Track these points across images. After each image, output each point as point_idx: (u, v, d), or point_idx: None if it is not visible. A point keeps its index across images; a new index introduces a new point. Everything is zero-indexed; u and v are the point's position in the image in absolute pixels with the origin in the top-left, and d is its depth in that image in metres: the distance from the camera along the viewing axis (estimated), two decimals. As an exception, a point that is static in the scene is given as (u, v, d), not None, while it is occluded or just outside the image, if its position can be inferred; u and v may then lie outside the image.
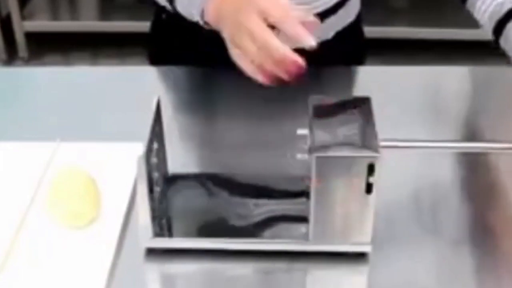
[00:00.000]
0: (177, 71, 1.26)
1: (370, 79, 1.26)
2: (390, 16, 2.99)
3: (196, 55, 1.24)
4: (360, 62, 1.38)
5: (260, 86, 0.90)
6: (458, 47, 2.83)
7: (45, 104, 1.21)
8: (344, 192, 0.86)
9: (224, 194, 0.98)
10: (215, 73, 1.25)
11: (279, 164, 1.05)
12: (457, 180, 1.08)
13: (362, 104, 0.91)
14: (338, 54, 1.27)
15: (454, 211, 1.02)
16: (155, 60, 1.36)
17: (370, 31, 3.19)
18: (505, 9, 1.07)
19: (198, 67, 1.25)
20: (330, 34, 1.25)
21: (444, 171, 1.07)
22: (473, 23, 1.20)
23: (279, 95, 1.22)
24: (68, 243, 0.92)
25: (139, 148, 0.86)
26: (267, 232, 0.93)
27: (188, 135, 1.13)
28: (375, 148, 0.85)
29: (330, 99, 0.93)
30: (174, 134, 1.09)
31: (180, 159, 1.05)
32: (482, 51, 2.78)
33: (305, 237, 0.90)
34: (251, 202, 0.96)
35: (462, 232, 0.97)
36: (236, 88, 1.23)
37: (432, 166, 1.07)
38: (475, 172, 1.07)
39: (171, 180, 0.99)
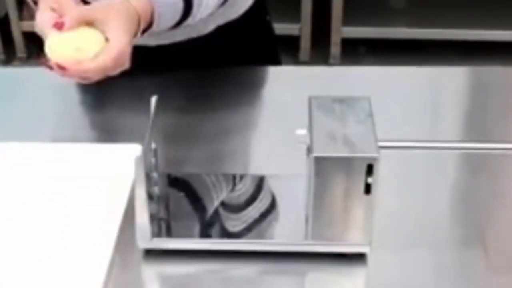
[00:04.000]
0: (176, 72, 1.25)
1: (370, 79, 1.25)
2: (390, 17, 2.99)
3: None
4: (272, 60, 1.38)
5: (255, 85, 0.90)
6: (457, 47, 2.83)
7: (43, 104, 1.21)
8: (343, 193, 0.86)
9: (222, 195, 0.98)
10: (213, 74, 1.25)
11: (278, 164, 1.05)
12: (456, 180, 1.07)
13: (362, 104, 0.91)
14: (233, 52, 1.27)
15: (453, 212, 1.02)
16: None
17: (370, 31, 3.20)
18: None
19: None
20: (209, 28, 1.24)
21: (443, 171, 1.06)
22: (473, 24, 1.20)
23: (279, 95, 1.22)
24: (66, 243, 0.92)
25: (138, 148, 0.85)
26: (266, 233, 0.92)
27: (187, 136, 1.13)
28: (374, 149, 0.85)
29: (329, 99, 0.92)
30: (173, 135, 1.08)
31: (179, 159, 1.05)
32: (482, 52, 2.79)
33: (303, 238, 0.89)
34: (250, 202, 0.96)
35: (461, 233, 0.97)
36: (234, 89, 1.23)
37: (431, 166, 1.07)
38: (474, 172, 1.07)
39: (170, 181, 0.99)
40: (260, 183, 0.99)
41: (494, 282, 0.90)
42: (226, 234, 0.92)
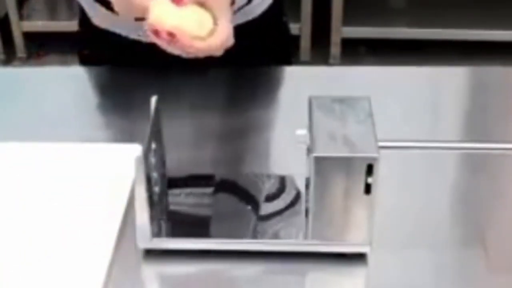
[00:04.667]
0: (174, 71, 1.25)
1: (370, 79, 1.25)
2: (390, 17, 2.99)
3: (129, 55, 1.23)
4: (285, 60, 1.38)
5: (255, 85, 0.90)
6: (457, 47, 2.83)
7: (43, 104, 1.21)
8: (343, 193, 0.86)
9: (223, 195, 0.98)
10: (212, 74, 1.25)
11: (278, 164, 1.05)
12: (456, 181, 1.07)
13: (362, 104, 0.91)
14: (250, 51, 1.27)
15: (453, 212, 1.02)
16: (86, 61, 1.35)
17: (370, 31, 3.20)
18: None
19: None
20: None
21: (443, 171, 1.06)
22: (473, 24, 1.20)
23: (279, 95, 1.22)
24: (66, 243, 0.92)
25: (138, 149, 0.85)
26: (266, 233, 0.92)
27: (187, 135, 1.13)
28: (374, 149, 0.85)
29: (329, 99, 0.92)
30: (173, 134, 1.08)
31: (179, 159, 1.05)
32: (482, 52, 2.79)
33: (303, 238, 0.89)
34: (249, 202, 0.96)
35: (461, 233, 0.97)
36: (233, 89, 1.23)
37: (431, 166, 1.07)
38: (474, 173, 1.07)
39: (170, 181, 0.99)
40: (259, 183, 0.99)
41: (494, 282, 0.90)
42: (225, 234, 0.92)
